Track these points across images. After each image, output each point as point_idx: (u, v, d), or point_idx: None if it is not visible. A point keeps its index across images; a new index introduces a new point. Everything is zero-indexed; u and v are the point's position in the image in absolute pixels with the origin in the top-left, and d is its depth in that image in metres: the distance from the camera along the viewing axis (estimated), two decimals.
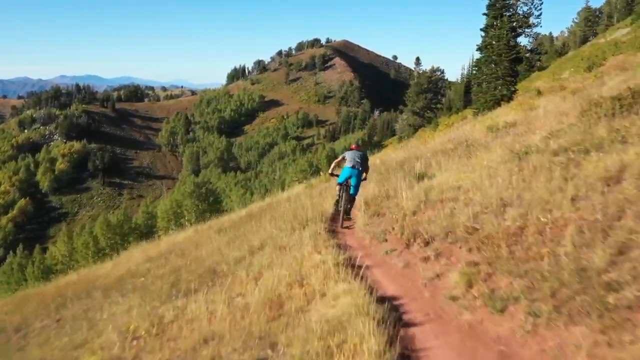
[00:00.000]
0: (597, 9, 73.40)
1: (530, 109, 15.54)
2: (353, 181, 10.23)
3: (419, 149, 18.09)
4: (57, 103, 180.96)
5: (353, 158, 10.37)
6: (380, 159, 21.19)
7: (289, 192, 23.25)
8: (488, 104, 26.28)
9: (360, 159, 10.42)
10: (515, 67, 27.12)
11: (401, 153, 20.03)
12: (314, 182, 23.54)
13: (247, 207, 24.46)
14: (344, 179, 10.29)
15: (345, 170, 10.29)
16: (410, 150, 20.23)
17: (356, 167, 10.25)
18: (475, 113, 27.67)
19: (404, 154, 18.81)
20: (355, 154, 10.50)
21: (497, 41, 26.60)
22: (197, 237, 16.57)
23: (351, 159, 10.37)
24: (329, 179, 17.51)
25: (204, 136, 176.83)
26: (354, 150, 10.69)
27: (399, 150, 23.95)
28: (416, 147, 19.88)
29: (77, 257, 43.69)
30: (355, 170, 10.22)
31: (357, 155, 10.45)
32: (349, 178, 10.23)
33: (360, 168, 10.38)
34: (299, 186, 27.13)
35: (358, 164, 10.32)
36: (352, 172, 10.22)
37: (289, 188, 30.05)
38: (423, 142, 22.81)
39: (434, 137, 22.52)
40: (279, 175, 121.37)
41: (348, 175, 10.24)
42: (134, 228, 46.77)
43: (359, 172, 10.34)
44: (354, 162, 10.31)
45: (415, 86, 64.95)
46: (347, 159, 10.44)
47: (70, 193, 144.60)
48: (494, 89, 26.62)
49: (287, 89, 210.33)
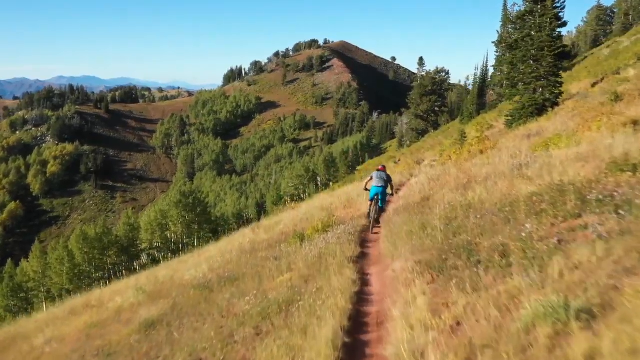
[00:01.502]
0: (609, 7, 70.32)
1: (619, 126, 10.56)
2: (380, 196, 12.13)
3: (458, 183, 11.28)
4: (49, 104, 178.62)
5: (380, 177, 12.34)
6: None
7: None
8: (526, 110, 21.23)
9: (385, 177, 12.43)
10: (560, 63, 21.87)
11: (418, 190, 13.30)
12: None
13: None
14: (373, 194, 12.09)
15: (374, 188, 12.17)
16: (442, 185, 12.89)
17: (382, 185, 12.17)
18: (509, 122, 22.89)
19: (424, 189, 12.89)
20: (382, 174, 12.47)
21: (537, 31, 21.02)
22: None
23: (378, 178, 12.32)
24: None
25: (199, 138, 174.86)
26: (381, 171, 12.62)
27: (411, 178, 18.64)
28: (448, 175, 13.25)
29: (51, 274, 40.57)
30: (381, 188, 12.13)
31: (383, 175, 12.45)
32: (377, 194, 12.06)
33: (385, 185, 12.29)
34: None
35: (384, 181, 12.28)
36: (379, 190, 12.10)
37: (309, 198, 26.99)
38: (452, 161, 17.41)
39: (467, 155, 16.88)
40: (275, 179, 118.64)
41: (376, 192, 12.09)
42: (114, 241, 43.64)
43: (385, 189, 12.25)
44: (381, 181, 12.24)
45: (419, 88, 61.56)
46: (374, 179, 12.39)
47: (62, 196, 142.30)
48: (533, 92, 21.39)
49: (284, 91, 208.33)
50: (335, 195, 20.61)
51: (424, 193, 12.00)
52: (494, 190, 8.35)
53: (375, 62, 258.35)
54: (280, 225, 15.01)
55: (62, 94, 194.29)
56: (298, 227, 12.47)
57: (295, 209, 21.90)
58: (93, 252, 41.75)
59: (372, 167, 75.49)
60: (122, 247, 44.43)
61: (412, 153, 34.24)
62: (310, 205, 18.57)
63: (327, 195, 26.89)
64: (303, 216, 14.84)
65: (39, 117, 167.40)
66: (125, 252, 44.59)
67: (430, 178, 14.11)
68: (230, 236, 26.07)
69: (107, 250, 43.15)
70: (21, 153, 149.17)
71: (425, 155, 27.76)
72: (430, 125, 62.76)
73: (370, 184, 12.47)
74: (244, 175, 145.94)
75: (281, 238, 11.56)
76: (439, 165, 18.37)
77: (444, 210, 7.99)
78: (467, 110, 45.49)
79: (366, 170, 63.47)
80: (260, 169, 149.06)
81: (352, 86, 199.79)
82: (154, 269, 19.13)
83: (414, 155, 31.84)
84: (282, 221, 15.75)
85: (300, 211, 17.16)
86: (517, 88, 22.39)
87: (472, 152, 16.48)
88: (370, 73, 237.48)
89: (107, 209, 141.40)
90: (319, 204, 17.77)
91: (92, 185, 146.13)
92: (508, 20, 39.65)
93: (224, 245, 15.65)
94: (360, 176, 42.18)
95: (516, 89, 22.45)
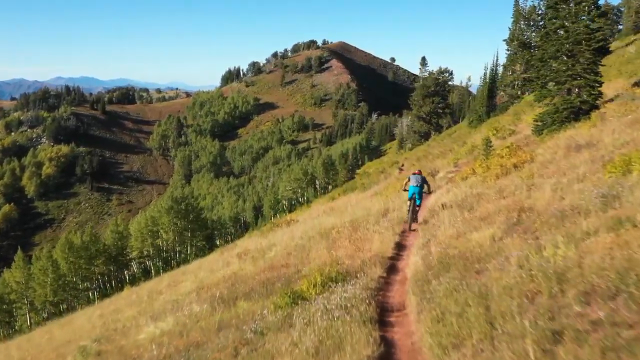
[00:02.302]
0: (615, 6, 68.22)
1: None
2: (417, 196, 13.36)
3: (509, 218, 8.12)
4: (45, 105, 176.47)
5: (416, 179, 13.62)
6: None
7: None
8: (560, 115, 17.96)
9: (420, 179, 13.72)
10: (599, 60, 18.14)
11: (448, 223, 9.99)
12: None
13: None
14: (411, 194, 13.32)
15: (412, 188, 13.46)
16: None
17: (418, 186, 13.44)
18: (538, 128, 19.17)
19: (458, 223, 9.52)
20: (418, 177, 13.76)
21: (573, 22, 17.74)
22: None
23: (415, 180, 13.60)
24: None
25: (197, 140, 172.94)
26: (417, 175, 13.94)
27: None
28: (486, 201, 10.60)
29: (34, 285, 38.36)
30: (417, 188, 13.39)
31: (419, 178, 13.74)
32: (415, 194, 13.31)
33: (421, 186, 13.58)
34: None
35: (419, 182, 13.55)
36: (416, 190, 13.38)
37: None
38: (478, 177, 14.66)
39: (499, 169, 13.78)
40: (273, 182, 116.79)
41: (413, 191, 13.36)
42: (102, 250, 41.44)
43: (421, 189, 13.49)
44: (418, 182, 13.52)
45: (421, 89, 59.26)
46: (411, 180, 13.70)
47: (57, 198, 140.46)
48: (567, 93, 18.15)
49: (282, 92, 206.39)
50: (336, 209, 18.43)
51: (461, 232, 8.47)
52: (590, 246, 5.23)
53: (374, 63, 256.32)
54: (272, 251, 12.83)
55: (58, 95, 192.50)
56: (291, 262, 10.26)
57: (292, 224, 19.90)
58: (79, 261, 39.61)
59: (372, 169, 73.93)
60: (111, 256, 42.28)
61: (419, 159, 31.67)
62: (308, 224, 16.27)
63: (327, 207, 24.54)
64: (299, 241, 12.64)
65: (35, 118, 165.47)
66: (114, 261, 42.43)
67: (459, 203, 11.40)
68: (222, 249, 24.10)
69: (95, 260, 41.01)
70: (16, 155, 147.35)
71: (437, 164, 24.77)
72: (432, 127, 60.56)
73: (409, 184, 13.90)
74: (242, 178, 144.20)
75: (269, 278, 9.26)
76: (460, 181, 15.70)
77: (513, 278, 5.04)
78: (476, 112, 43.08)
79: (366, 173, 61.55)
80: (258, 171, 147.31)
81: (351, 87, 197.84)
82: (116, 306, 16.45)
83: (421, 163, 29.12)
84: (275, 246, 13.57)
85: (296, 232, 14.85)
86: (547, 88, 19.34)
87: (504, 167, 13.64)
88: (370, 74, 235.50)
89: (103, 211, 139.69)
90: (317, 223, 15.42)
91: (87, 188, 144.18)
92: (520, 16, 37.43)
93: (204, 277, 13.36)
94: (361, 182, 39.83)
95: (547, 90, 19.10)
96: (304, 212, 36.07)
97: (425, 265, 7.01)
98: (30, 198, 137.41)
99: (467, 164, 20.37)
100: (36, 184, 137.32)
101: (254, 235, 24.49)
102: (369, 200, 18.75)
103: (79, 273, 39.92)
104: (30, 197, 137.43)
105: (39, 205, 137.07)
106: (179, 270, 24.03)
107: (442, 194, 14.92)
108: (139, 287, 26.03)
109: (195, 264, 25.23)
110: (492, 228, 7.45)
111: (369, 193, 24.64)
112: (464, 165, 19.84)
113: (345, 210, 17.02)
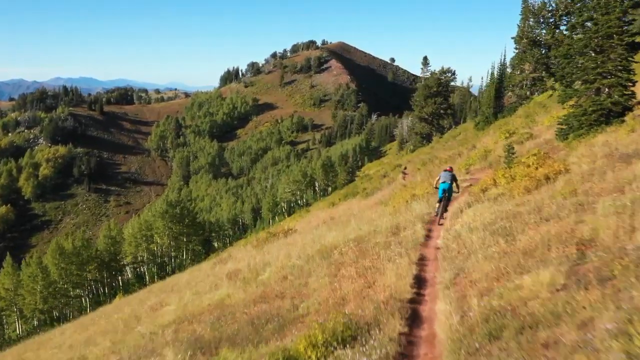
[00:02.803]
0: None
1: None
2: (448, 192, 14.18)
3: (567, 255, 6.14)
4: (42, 105, 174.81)
5: (447, 177, 14.38)
6: None
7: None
8: (589, 117, 15.99)
9: (450, 177, 14.46)
10: (632, 56, 16.05)
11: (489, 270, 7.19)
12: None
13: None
14: (441, 191, 14.13)
15: (442, 185, 14.24)
16: None
17: (449, 182, 14.28)
18: (563, 132, 17.15)
19: (496, 261, 7.15)
20: (448, 174, 14.50)
21: (603, 14, 15.44)
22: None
23: (445, 177, 14.39)
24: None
25: (195, 140, 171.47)
26: (447, 172, 14.64)
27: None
28: (529, 227, 8.21)
29: (23, 292, 36.83)
30: (448, 184, 14.22)
31: (449, 175, 14.48)
32: (445, 190, 14.11)
33: (451, 182, 14.38)
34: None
35: (450, 180, 14.35)
36: (446, 186, 14.19)
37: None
38: (501, 188, 12.96)
39: (527, 181, 11.65)
40: (272, 183, 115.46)
41: (444, 188, 14.17)
42: (94, 256, 39.90)
43: (451, 186, 14.31)
44: (448, 180, 14.34)
45: (423, 89, 57.66)
46: (442, 177, 14.44)
47: (54, 200, 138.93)
48: (596, 93, 16.12)
49: (281, 92, 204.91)
50: (337, 219, 16.89)
51: (502, 271, 6.44)
52: None
53: (374, 63, 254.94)
54: (266, 272, 11.17)
55: (56, 96, 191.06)
56: (287, 291, 8.64)
57: (289, 234, 18.43)
58: (70, 267, 38.08)
59: (373, 171, 72.44)
60: (103, 262, 40.75)
61: (424, 163, 29.85)
62: (307, 238, 14.68)
63: (327, 215, 22.98)
64: (296, 261, 10.85)
65: (32, 118, 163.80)
66: (107, 267, 40.92)
67: (487, 225, 8.99)
68: (215, 259, 22.60)
69: (87, 266, 39.47)
70: (13, 155, 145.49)
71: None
72: (434, 128, 59.08)
73: (439, 182, 14.48)
74: (240, 179, 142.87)
75: (260, 313, 7.63)
76: (480, 192, 13.95)
77: None
78: (483, 113, 41.47)
79: (367, 175, 60.13)
80: (257, 172, 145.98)
81: (351, 87, 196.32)
82: (89, 334, 14.62)
83: (427, 167, 27.28)
84: (269, 265, 11.97)
85: (293, 248, 13.27)
86: (572, 87, 17.70)
87: (534, 178, 11.54)
88: (369, 74, 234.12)
89: (101, 212, 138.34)
90: (317, 237, 13.85)
91: (85, 189, 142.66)
92: (529, 13, 35.79)
93: (189, 301, 11.76)
94: (363, 187, 38.18)
95: (572, 89, 17.42)
96: (302, 218, 34.56)
97: (463, 324, 5.22)
98: (27, 199, 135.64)
99: (481, 171, 18.66)
100: (33, 185, 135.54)
101: (249, 244, 22.98)
102: (373, 211, 17.11)
103: (70, 279, 38.40)
104: (27, 199, 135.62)
105: (35, 206, 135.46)
106: (169, 282, 22.56)
107: (460, 207, 13.19)
108: (128, 298, 24.69)
109: (187, 274, 23.83)
110: (548, 269, 5.57)
111: (372, 201, 22.98)
112: (477, 173, 18.11)
113: (347, 223, 15.34)
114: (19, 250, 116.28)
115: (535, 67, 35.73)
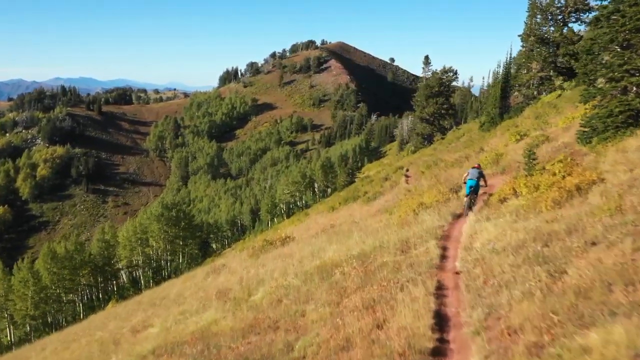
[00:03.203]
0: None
1: None
2: (475, 188, 15.19)
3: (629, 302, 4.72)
4: (40, 106, 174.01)
5: (474, 173, 15.32)
6: None
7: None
8: (615, 119, 14.34)
9: (478, 174, 15.39)
10: None
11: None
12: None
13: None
14: (469, 187, 15.14)
15: (469, 181, 15.20)
16: None
17: (476, 179, 15.19)
18: (586, 135, 15.68)
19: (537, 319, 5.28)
20: (476, 170, 15.48)
21: (631, 5, 13.88)
22: None
23: (473, 174, 15.30)
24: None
25: (194, 141, 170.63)
26: (475, 169, 15.66)
27: None
28: (573, 256, 6.62)
29: (14, 298, 35.70)
30: (474, 181, 15.15)
31: (477, 172, 15.43)
32: (471, 186, 15.12)
33: (478, 179, 15.31)
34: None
35: (477, 176, 15.28)
36: (473, 183, 15.15)
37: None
38: (523, 200, 11.55)
39: (556, 193, 10.17)
40: (271, 184, 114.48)
41: (471, 184, 15.15)
42: (87, 260, 38.77)
43: (477, 182, 15.22)
44: (475, 176, 15.27)
45: (425, 89, 56.53)
46: (470, 174, 15.40)
47: (52, 200, 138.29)
48: (622, 92, 14.54)
49: (280, 92, 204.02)
50: (337, 227, 15.74)
51: (552, 320, 4.94)
52: None
53: (373, 63, 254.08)
54: (259, 292, 10.09)
55: (54, 96, 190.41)
56: (281, 321, 7.43)
57: (287, 242, 17.35)
58: (63, 272, 36.99)
59: (373, 172, 71.32)
60: (97, 266, 39.64)
61: (429, 167, 28.50)
62: (305, 250, 13.54)
63: (327, 222, 21.84)
64: (293, 280, 9.69)
65: (30, 119, 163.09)
66: (101, 271, 39.80)
67: (517, 248, 7.49)
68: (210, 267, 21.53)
69: (80, 270, 38.33)
70: (10, 156, 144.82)
71: (453, 174, 21.16)
72: (436, 129, 57.99)
73: (467, 177, 15.33)
74: (239, 179, 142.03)
75: (248, 353, 6.58)
76: (498, 203, 12.63)
77: None
78: (489, 114, 40.31)
79: (368, 177, 59.06)
80: (256, 172, 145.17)
81: (350, 88, 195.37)
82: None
83: (432, 171, 25.94)
84: (263, 283, 10.86)
85: (290, 263, 12.11)
86: (595, 86, 16.32)
87: (563, 188, 10.10)
88: (369, 74, 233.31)
89: (99, 213, 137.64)
90: (316, 249, 12.67)
91: (83, 189, 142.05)
92: (537, 9, 34.64)
93: (173, 326, 10.59)
94: (364, 191, 36.94)
95: (595, 88, 16.14)
96: (301, 223, 33.46)
97: None
98: (24, 200, 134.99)
99: (493, 177, 17.48)
100: (31, 185, 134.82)
101: (245, 250, 21.90)
102: (376, 220, 15.92)
103: (63, 284, 37.29)
104: (24, 199, 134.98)
105: (33, 207, 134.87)
106: (160, 292, 21.52)
107: (477, 222, 11.46)
108: (118, 309, 23.62)
109: (180, 282, 22.80)
110: (620, 322, 4.18)
111: (374, 207, 21.73)
112: (490, 179, 16.89)
113: (349, 233, 14.15)
114: (16, 252, 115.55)
115: (543, 66, 34.61)
